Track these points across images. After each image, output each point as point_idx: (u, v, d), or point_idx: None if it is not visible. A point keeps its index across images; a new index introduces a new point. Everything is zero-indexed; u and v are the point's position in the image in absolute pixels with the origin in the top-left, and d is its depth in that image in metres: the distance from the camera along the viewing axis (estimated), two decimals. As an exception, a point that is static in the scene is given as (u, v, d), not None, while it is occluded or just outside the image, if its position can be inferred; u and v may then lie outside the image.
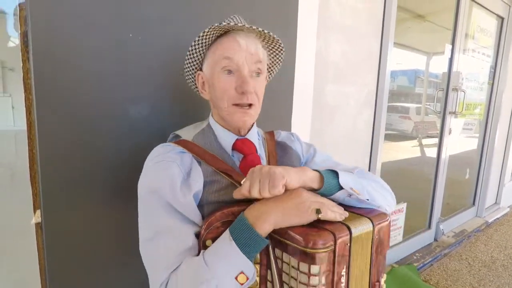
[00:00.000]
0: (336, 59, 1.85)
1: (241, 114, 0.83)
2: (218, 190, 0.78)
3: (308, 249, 0.60)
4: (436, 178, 2.98)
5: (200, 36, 0.82)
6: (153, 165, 0.79)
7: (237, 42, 0.79)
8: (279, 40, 0.83)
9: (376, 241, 0.70)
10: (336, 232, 0.63)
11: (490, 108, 3.56)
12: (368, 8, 1.97)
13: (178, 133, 0.91)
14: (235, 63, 0.80)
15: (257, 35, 0.84)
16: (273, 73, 0.99)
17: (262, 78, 0.84)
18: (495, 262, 2.77)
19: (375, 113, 2.18)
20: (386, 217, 0.73)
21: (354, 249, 0.66)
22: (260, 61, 0.82)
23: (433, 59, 3.26)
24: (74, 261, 0.98)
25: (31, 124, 0.90)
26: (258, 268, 0.70)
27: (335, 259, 0.63)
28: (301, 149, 1.02)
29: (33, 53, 0.84)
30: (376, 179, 0.91)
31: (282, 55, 0.89)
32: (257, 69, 0.82)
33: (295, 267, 0.63)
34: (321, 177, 0.74)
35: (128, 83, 1.00)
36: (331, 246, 0.62)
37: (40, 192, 0.90)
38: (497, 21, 3.41)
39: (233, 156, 0.87)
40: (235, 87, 0.81)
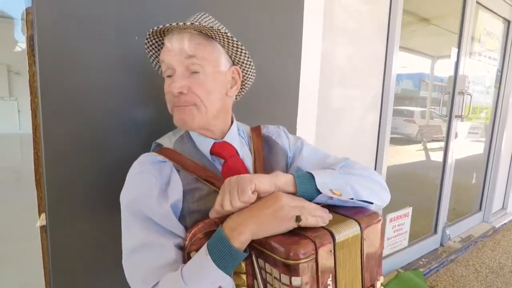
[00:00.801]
0: (341, 62, 1.84)
1: (178, 113, 0.79)
2: (200, 198, 0.76)
3: (289, 261, 0.57)
4: (442, 182, 2.95)
5: (145, 47, 0.84)
6: (131, 178, 0.77)
7: (165, 46, 0.77)
8: (212, 28, 0.73)
9: (366, 244, 0.67)
10: (317, 240, 0.60)
11: (496, 112, 3.53)
12: (373, 11, 1.96)
13: (159, 141, 0.88)
14: (168, 65, 0.77)
15: (195, 30, 0.77)
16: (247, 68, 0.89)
17: (204, 75, 0.77)
18: (503, 268, 2.74)
19: (380, 117, 2.17)
20: (377, 217, 0.70)
21: (340, 255, 0.63)
22: (190, 55, 0.75)
23: (438, 63, 3.25)
24: (78, 264, 0.98)
25: (37, 127, 0.90)
26: (245, 278, 0.67)
27: (318, 268, 0.59)
28: (288, 143, 0.97)
29: (39, 56, 0.84)
30: (365, 172, 0.84)
31: (234, 42, 0.79)
32: (193, 65, 0.76)
33: (277, 278, 0.60)
34: (295, 181, 0.71)
35: (134, 86, 1.00)
36: (312, 256, 0.59)
37: (45, 195, 0.90)
38: (504, 24, 3.39)
39: (214, 161, 0.84)
40: (168, 89, 0.78)
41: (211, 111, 0.80)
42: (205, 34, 0.77)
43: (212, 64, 0.78)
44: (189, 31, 0.76)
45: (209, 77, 0.78)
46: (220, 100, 0.82)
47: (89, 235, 0.98)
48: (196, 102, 0.78)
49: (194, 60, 0.76)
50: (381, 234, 0.70)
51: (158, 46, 0.85)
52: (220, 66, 0.81)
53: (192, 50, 0.75)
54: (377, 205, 0.80)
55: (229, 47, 0.81)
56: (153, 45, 0.84)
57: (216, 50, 0.80)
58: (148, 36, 0.81)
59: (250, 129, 0.97)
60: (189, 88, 0.76)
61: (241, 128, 0.95)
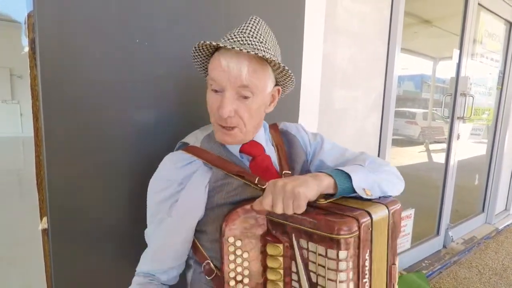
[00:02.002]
0: (343, 64, 1.84)
1: (222, 133, 0.83)
2: (228, 192, 0.80)
3: (335, 236, 0.62)
4: (445, 183, 2.94)
5: (192, 53, 0.83)
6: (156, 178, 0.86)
7: (220, 63, 0.76)
8: (275, 60, 0.76)
9: (391, 226, 0.73)
10: (360, 218, 0.65)
11: (499, 113, 3.52)
12: (375, 13, 1.96)
13: (185, 140, 0.92)
14: (218, 84, 0.77)
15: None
16: (287, 87, 0.92)
17: (251, 101, 0.79)
18: (506, 270, 2.72)
19: (382, 118, 2.17)
20: (397, 203, 0.76)
21: (375, 234, 0.69)
22: (245, 85, 0.76)
23: (440, 64, 3.24)
24: (80, 267, 0.97)
25: (38, 130, 0.90)
26: (281, 260, 0.72)
27: (360, 243, 0.65)
28: (307, 138, 1.00)
29: (40, 59, 0.84)
30: (386, 167, 0.89)
31: (287, 73, 0.82)
32: (243, 92, 0.77)
33: (323, 254, 0.65)
34: (335, 183, 0.73)
35: (134, 89, 1.00)
36: (356, 232, 0.64)
37: (46, 198, 0.90)
38: (506, 26, 3.39)
39: (242, 157, 0.88)
40: (217, 107, 0.79)
41: (250, 130, 0.85)
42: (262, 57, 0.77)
43: (260, 90, 0.80)
44: (247, 54, 0.75)
45: (256, 103, 0.81)
46: (258, 119, 0.87)
47: (91, 238, 0.98)
48: (239, 125, 0.82)
49: (247, 89, 0.77)
50: (399, 219, 0.77)
51: (206, 56, 0.84)
52: (266, 91, 0.83)
53: (248, 80, 0.76)
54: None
55: (279, 72, 0.82)
56: (201, 54, 0.84)
57: (267, 75, 0.81)
58: (197, 46, 0.80)
59: (269, 126, 1.01)
60: (236, 111, 0.79)
61: (266, 125, 0.99)
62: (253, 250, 0.75)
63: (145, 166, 1.03)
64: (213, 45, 0.76)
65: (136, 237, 1.03)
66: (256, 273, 0.75)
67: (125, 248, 1.05)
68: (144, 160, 1.03)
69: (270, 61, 0.78)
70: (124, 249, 1.05)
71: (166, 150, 0.92)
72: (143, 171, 1.03)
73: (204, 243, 0.84)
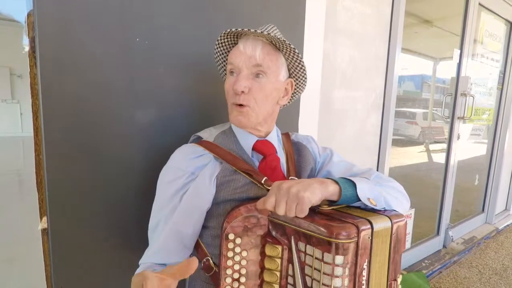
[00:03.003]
0: (343, 64, 1.84)
1: (236, 112, 0.87)
2: (235, 188, 0.82)
3: (333, 239, 0.62)
4: (445, 183, 2.94)
5: (216, 44, 0.92)
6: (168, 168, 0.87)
7: (238, 47, 0.85)
8: (285, 41, 0.82)
9: (394, 239, 0.72)
10: (360, 225, 0.65)
11: (499, 113, 3.52)
12: (375, 13, 1.96)
13: (199, 134, 0.94)
14: (236, 66, 0.85)
15: (267, 39, 0.85)
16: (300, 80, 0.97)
17: (265, 80, 0.85)
18: (506, 270, 2.72)
19: (382, 118, 2.17)
20: (402, 217, 0.75)
21: (375, 243, 0.68)
22: (259, 64, 0.83)
23: (440, 64, 3.24)
24: (80, 267, 0.97)
25: (38, 130, 0.90)
26: (279, 262, 0.72)
27: (358, 251, 0.64)
28: (317, 150, 1.04)
29: (40, 58, 0.84)
30: (392, 184, 0.91)
31: (298, 58, 0.88)
32: (257, 70, 0.84)
33: (319, 258, 0.65)
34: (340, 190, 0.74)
35: (135, 88, 1.00)
36: (354, 238, 0.63)
37: (46, 198, 0.89)
38: (506, 26, 3.38)
39: (253, 157, 0.91)
40: (232, 87, 0.85)
41: (262, 114, 0.88)
42: (275, 45, 0.86)
43: (273, 73, 0.86)
44: (262, 40, 0.85)
45: (268, 83, 0.86)
46: (271, 106, 0.90)
47: (90, 238, 0.98)
48: (250, 104, 0.85)
49: (260, 68, 0.84)
50: (404, 233, 0.75)
51: (228, 46, 0.93)
52: (279, 76, 0.89)
53: (261, 59, 0.83)
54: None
55: (291, 60, 0.90)
56: (223, 44, 0.92)
57: (280, 61, 0.88)
58: (222, 35, 0.88)
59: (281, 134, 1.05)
60: (250, 89, 0.84)
61: (278, 131, 1.03)
62: (252, 249, 0.75)
63: (145, 165, 1.03)
64: (233, 31, 0.84)
65: (136, 236, 1.03)
66: (253, 274, 0.74)
67: (125, 248, 1.04)
68: (144, 159, 1.03)
69: (281, 49, 0.86)
70: (124, 248, 1.04)
71: (167, 149, 0.92)
72: (143, 170, 1.03)
73: (206, 239, 0.86)
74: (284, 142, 1.00)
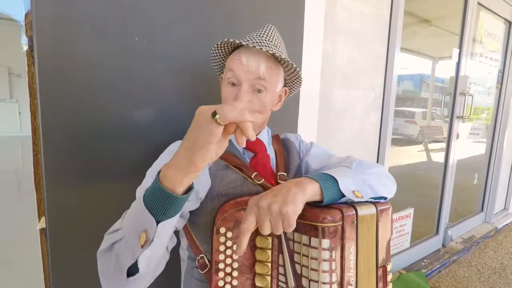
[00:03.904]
0: (342, 63, 1.84)
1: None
2: (228, 183, 0.83)
3: (319, 224, 0.64)
4: (444, 183, 2.94)
5: (214, 47, 0.89)
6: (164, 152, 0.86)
7: (240, 58, 0.83)
8: (289, 61, 0.83)
9: (380, 226, 0.73)
10: (344, 210, 0.67)
11: (498, 112, 3.52)
12: (374, 12, 1.96)
13: None
14: (236, 77, 0.83)
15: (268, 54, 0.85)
16: (294, 89, 1.00)
17: (264, 95, 0.85)
18: (505, 269, 2.72)
19: (381, 117, 2.17)
20: (387, 204, 0.76)
21: (361, 229, 0.69)
22: (261, 78, 0.82)
23: (439, 64, 3.24)
24: (78, 267, 0.97)
25: (36, 129, 0.90)
26: (270, 253, 0.73)
27: (344, 234, 0.66)
28: (302, 145, 1.06)
29: (38, 57, 0.84)
30: (376, 169, 0.87)
31: (297, 73, 0.90)
32: (259, 86, 0.83)
33: (307, 244, 0.66)
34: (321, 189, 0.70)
35: (133, 87, 1.00)
36: (339, 221, 0.66)
37: (44, 198, 0.89)
38: (505, 25, 3.39)
39: (244, 154, 0.92)
40: (233, 99, 0.84)
41: (257, 123, 0.91)
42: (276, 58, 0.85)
43: (273, 86, 0.87)
44: (265, 53, 0.83)
45: (267, 98, 0.86)
46: (266, 115, 0.92)
47: (89, 238, 0.97)
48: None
49: (262, 82, 0.83)
50: (391, 220, 0.76)
51: (226, 52, 0.91)
52: (277, 88, 0.89)
53: (264, 75, 0.82)
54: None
55: (290, 74, 0.91)
56: (222, 50, 0.90)
57: (279, 75, 0.89)
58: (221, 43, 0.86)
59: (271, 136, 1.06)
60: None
61: (269, 131, 1.04)
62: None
63: (144, 164, 1.03)
64: (236, 43, 0.83)
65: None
66: (245, 267, 0.75)
67: (124, 248, 1.04)
68: (143, 158, 1.02)
69: (283, 63, 0.86)
70: (123, 248, 1.04)
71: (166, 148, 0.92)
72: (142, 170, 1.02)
73: (200, 236, 0.84)
74: (274, 142, 1.02)
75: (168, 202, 0.57)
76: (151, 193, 0.57)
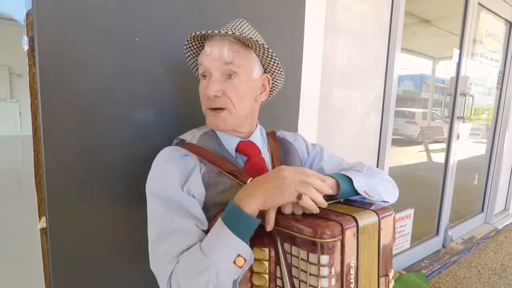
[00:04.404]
0: (343, 63, 1.84)
1: (212, 117, 0.85)
2: (223, 191, 0.80)
3: (317, 239, 0.61)
4: (444, 183, 2.94)
5: (184, 49, 0.90)
6: (157, 167, 0.82)
7: (205, 50, 0.82)
8: (252, 38, 0.79)
9: (382, 234, 0.71)
10: (344, 223, 0.64)
11: (498, 113, 3.52)
12: (375, 12, 1.96)
13: (182, 137, 0.92)
14: (206, 69, 0.82)
15: (234, 38, 0.82)
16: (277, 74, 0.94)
17: (238, 80, 0.83)
18: (505, 270, 2.72)
19: (382, 118, 2.17)
20: (390, 210, 0.74)
21: (362, 240, 0.67)
22: (228, 62, 0.80)
23: (440, 64, 3.24)
24: (79, 267, 0.97)
25: (37, 129, 0.90)
26: (267, 265, 0.70)
27: (343, 249, 0.63)
28: (305, 147, 1.03)
29: (39, 57, 0.84)
30: (382, 175, 0.93)
31: (268, 52, 0.84)
32: (229, 71, 0.81)
33: (305, 259, 0.63)
34: (338, 184, 0.75)
35: (134, 87, 1.00)
36: (339, 236, 0.63)
37: (45, 197, 0.89)
38: (506, 26, 3.38)
39: (237, 157, 0.89)
40: (203, 90, 0.84)
41: (241, 115, 0.86)
42: (243, 42, 0.83)
43: (246, 71, 0.84)
44: (229, 39, 0.81)
45: (242, 83, 0.83)
46: (249, 104, 0.88)
47: (89, 238, 0.98)
48: (227, 106, 0.83)
49: (231, 66, 0.81)
50: (393, 227, 0.74)
51: (197, 49, 0.90)
52: (253, 74, 0.86)
53: (230, 58, 0.80)
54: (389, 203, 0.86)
55: (263, 56, 0.86)
56: (192, 48, 0.90)
57: (251, 58, 0.85)
58: (189, 39, 0.86)
59: (266, 133, 1.02)
60: (224, 91, 0.82)
61: (262, 130, 1.01)
62: None
63: (144, 165, 1.03)
64: (197, 34, 0.81)
65: (135, 236, 1.03)
66: (242, 278, 0.72)
67: (124, 248, 1.04)
68: (143, 159, 1.02)
69: (251, 46, 0.83)
70: (125, 249, 1.04)
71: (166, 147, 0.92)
72: (142, 170, 1.02)
73: None
74: (270, 141, 0.99)
75: (251, 226, 0.66)
76: (238, 220, 0.66)
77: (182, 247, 0.69)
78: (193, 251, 0.67)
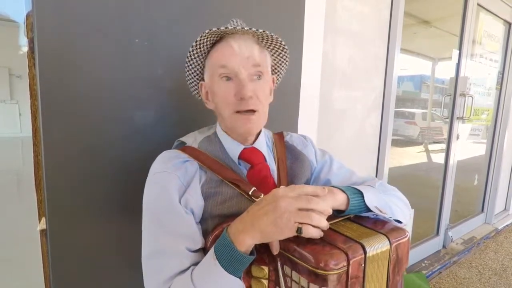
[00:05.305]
0: (343, 64, 1.84)
1: (243, 121, 0.78)
2: (223, 202, 0.75)
3: (319, 270, 0.55)
4: (444, 184, 2.94)
5: (193, 46, 0.79)
6: (152, 177, 0.77)
7: (231, 47, 0.75)
8: (278, 38, 0.77)
9: (393, 260, 0.64)
10: (350, 252, 0.57)
11: (498, 113, 3.52)
12: (374, 13, 1.96)
13: (183, 139, 0.88)
14: (231, 70, 0.76)
15: (254, 36, 0.79)
16: (281, 74, 0.92)
17: (263, 81, 0.79)
18: (506, 270, 2.72)
19: (382, 118, 2.17)
20: (404, 233, 0.67)
21: (369, 270, 0.60)
22: (258, 64, 0.76)
23: (439, 65, 3.24)
24: (78, 268, 0.97)
25: (37, 130, 0.90)
26: (266, 284, 0.66)
27: (348, 281, 0.57)
28: (314, 155, 0.97)
29: (39, 59, 0.84)
30: (395, 193, 0.86)
31: (286, 54, 0.84)
32: (257, 72, 0.77)
33: (305, 287, 0.59)
34: (348, 198, 0.70)
35: (134, 89, 1.00)
36: (344, 267, 0.56)
37: (45, 199, 0.89)
38: (505, 26, 3.39)
39: (240, 164, 0.84)
40: (234, 93, 0.76)
41: (264, 117, 0.83)
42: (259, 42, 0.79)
43: (267, 71, 0.81)
44: (249, 37, 0.77)
45: (266, 84, 0.81)
46: (268, 106, 0.84)
47: (89, 239, 0.98)
48: (258, 108, 0.78)
49: (259, 68, 0.77)
50: (407, 251, 0.68)
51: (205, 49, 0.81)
52: (269, 73, 0.84)
53: (258, 58, 0.77)
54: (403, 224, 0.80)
55: (278, 56, 0.85)
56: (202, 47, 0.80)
57: (268, 58, 0.83)
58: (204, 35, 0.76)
59: (273, 134, 0.97)
60: (254, 91, 0.77)
61: (266, 133, 0.94)
62: None
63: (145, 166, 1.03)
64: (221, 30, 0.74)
65: (134, 238, 1.02)
66: None
67: (123, 249, 1.04)
68: (143, 160, 1.02)
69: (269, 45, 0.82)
70: (124, 250, 1.04)
71: (166, 149, 0.92)
72: (142, 171, 1.02)
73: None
74: (277, 145, 0.92)
75: (245, 264, 0.63)
76: (231, 258, 0.61)
77: (173, 271, 0.67)
78: (184, 279, 0.64)
